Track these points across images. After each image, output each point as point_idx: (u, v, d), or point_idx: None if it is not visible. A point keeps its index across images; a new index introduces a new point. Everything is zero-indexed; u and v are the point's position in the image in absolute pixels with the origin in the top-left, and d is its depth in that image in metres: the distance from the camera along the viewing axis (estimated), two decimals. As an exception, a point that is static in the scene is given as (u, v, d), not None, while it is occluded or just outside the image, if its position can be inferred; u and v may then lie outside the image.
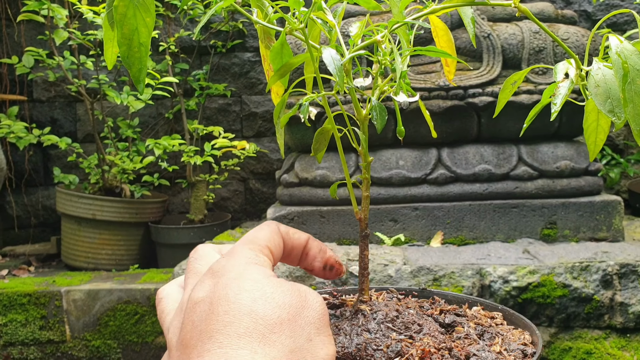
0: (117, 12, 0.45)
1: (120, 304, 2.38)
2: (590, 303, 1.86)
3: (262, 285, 0.38)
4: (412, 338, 0.49)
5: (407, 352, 0.46)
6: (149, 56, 2.30)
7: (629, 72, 0.51)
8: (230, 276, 0.38)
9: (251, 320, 0.36)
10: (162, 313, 0.44)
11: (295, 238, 0.48)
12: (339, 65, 0.44)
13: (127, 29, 0.46)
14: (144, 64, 0.46)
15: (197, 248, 0.47)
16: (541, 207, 2.21)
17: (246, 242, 0.43)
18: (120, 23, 0.45)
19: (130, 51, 0.46)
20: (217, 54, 3.52)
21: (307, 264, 0.51)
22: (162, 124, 3.59)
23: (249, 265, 0.40)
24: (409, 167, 2.26)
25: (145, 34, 0.46)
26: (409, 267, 1.90)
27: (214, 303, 0.37)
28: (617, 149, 3.44)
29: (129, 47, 0.46)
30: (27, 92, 3.57)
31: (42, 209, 3.64)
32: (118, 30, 0.46)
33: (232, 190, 3.67)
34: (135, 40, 0.46)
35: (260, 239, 0.44)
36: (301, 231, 0.49)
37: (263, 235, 0.45)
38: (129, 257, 3.06)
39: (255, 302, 0.36)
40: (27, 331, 2.37)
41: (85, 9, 2.50)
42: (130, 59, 0.46)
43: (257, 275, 0.39)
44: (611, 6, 3.44)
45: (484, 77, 2.23)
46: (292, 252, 0.49)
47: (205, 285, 0.39)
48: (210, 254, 0.46)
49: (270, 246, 0.44)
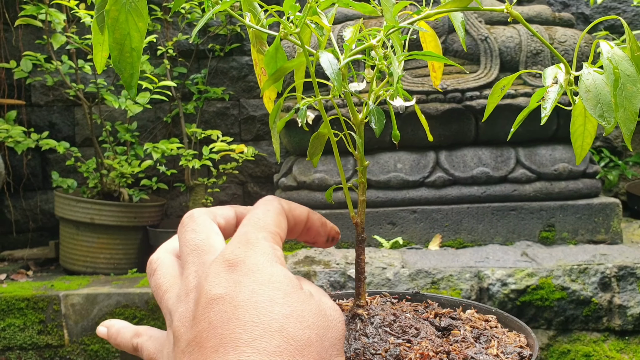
0: (108, 16, 0.45)
1: (118, 308, 2.38)
2: (589, 306, 1.86)
3: (292, 300, 0.36)
4: (410, 342, 0.49)
5: (405, 356, 0.46)
6: (147, 60, 2.30)
7: (620, 78, 0.52)
8: (257, 279, 0.37)
9: (282, 338, 0.34)
10: (158, 288, 0.42)
11: (297, 214, 0.46)
12: (336, 70, 0.44)
13: (118, 33, 0.45)
14: (135, 69, 0.46)
15: (191, 214, 0.44)
16: (539, 210, 2.21)
17: (258, 229, 0.41)
18: (112, 28, 0.45)
19: (122, 56, 0.46)
20: (215, 58, 3.52)
21: (309, 238, 0.49)
22: (161, 127, 3.59)
23: (273, 265, 0.38)
24: (407, 170, 2.26)
25: (137, 39, 0.45)
26: (407, 270, 1.90)
27: (238, 307, 0.35)
28: (616, 151, 3.44)
29: (121, 52, 0.46)
30: (25, 96, 3.57)
31: (40, 213, 3.63)
32: (110, 35, 0.45)
33: (231, 193, 3.67)
34: (127, 45, 0.46)
35: (270, 224, 0.42)
36: (300, 205, 0.47)
37: (271, 219, 0.42)
38: (128, 261, 3.05)
39: (288, 320, 0.35)
40: (25, 335, 2.37)
41: (82, 14, 2.50)
42: (121, 64, 0.46)
43: (285, 283, 0.37)
44: (609, 8, 3.45)
45: (481, 80, 2.23)
46: (295, 229, 0.47)
47: (222, 280, 0.37)
48: (207, 223, 0.43)
49: (280, 232, 0.43)
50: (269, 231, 0.41)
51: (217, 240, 0.42)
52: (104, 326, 0.48)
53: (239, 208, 0.48)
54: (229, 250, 0.39)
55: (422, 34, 0.64)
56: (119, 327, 0.47)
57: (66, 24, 2.78)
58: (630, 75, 0.51)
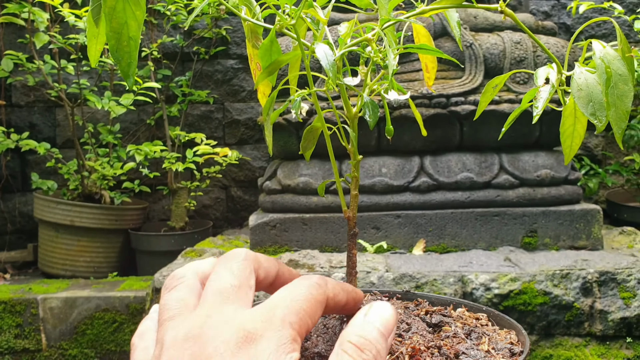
0: (106, 5, 0.44)
1: (98, 312, 2.35)
2: (571, 310, 1.88)
3: None
4: (401, 337, 0.49)
5: (397, 351, 0.46)
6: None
7: (612, 77, 0.52)
8: None
9: None
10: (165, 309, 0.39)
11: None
12: (332, 61, 0.44)
13: (116, 22, 0.45)
14: (133, 58, 0.46)
15: (173, 275, 0.42)
16: (522, 216, 2.23)
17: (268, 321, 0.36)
18: (110, 16, 0.45)
19: (120, 45, 0.45)
20: (200, 61, 3.50)
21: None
22: (144, 130, 3.56)
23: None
24: (392, 175, 2.27)
25: (134, 28, 0.45)
26: (392, 274, 1.90)
27: None
28: (596, 159, 3.50)
29: (118, 40, 0.45)
30: (6, 96, 3.52)
31: (19, 215, 3.57)
32: (107, 24, 0.45)
33: (214, 197, 3.65)
34: (125, 34, 0.45)
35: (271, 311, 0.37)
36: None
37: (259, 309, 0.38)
38: (108, 265, 3.01)
39: None
40: (2, 340, 2.32)
41: (66, 13, 2.48)
42: (119, 52, 0.45)
43: None
44: (590, 19, 3.51)
45: (466, 86, 2.25)
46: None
47: None
48: (193, 285, 0.41)
49: None
50: (276, 323, 0.37)
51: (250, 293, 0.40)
52: None
53: (283, 267, 0.45)
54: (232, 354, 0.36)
55: (417, 35, 0.64)
56: None
57: (49, 23, 2.75)
58: (622, 75, 0.52)
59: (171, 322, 0.38)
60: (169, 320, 0.38)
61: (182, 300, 0.39)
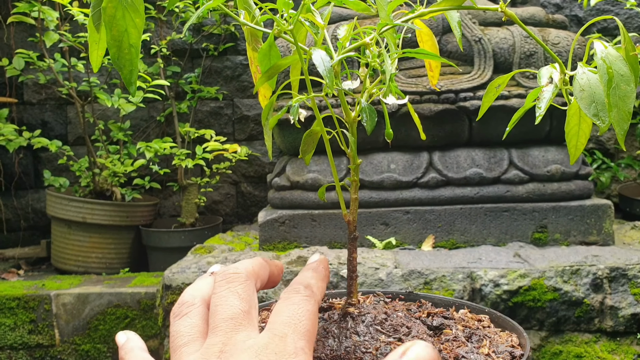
0: (105, 13, 0.45)
1: (110, 308, 2.37)
2: (581, 307, 1.87)
3: None
4: (401, 340, 0.49)
5: (395, 355, 0.46)
6: (140, 58, 2.28)
7: (613, 77, 0.52)
8: None
9: None
10: (178, 335, 0.41)
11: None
12: (329, 67, 0.44)
13: (116, 30, 0.45)
14: (134, 66, 0.46)
15: (182, 302, 0.43)
16: (532, 211, 2.22)
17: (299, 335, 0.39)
18: (110, 25, 0.45)
19: (121, 53, 0.46)
20: (209, 57, 3.51)
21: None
22: (154, 127, 3.58)
23: None
24: (401, 171, 2.26)
25: (135, 35, 0.45)
26: (400, 270, 1.90)
27: None
28: (608, 153, 3.46)
29: (119, 49, 0.45)
30: (18, 94, 3.55)
31: (32, 212, 3.61)
32: (107, 32, 0.45)
33: (224, 193, 3.66)
34: (125, 42, 0.46)
35: None
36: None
37: None
38: (120, 261, 3.04)
39: None
40: (16, 335, 2.35)
41: (76, 11, 2.49)
42: (120, 61, 0.45)
43: None
44: (602, 11, 3.47)
45: (475, 81, 2.24)
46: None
47: None
48: (203, 312, 0.42)
49: None
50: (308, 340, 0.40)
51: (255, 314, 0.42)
52: (125, 335, 0.47)
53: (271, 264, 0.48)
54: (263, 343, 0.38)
55: (419, 34, 0.64)
56: (134, 346, 0.46)
57: (59, 22, 2.76)
58: (624, 75, 0.51)
59: (186, 348, 0.40)
60: (184, 346, 0.40)
61: (195, 326, 0.41)
